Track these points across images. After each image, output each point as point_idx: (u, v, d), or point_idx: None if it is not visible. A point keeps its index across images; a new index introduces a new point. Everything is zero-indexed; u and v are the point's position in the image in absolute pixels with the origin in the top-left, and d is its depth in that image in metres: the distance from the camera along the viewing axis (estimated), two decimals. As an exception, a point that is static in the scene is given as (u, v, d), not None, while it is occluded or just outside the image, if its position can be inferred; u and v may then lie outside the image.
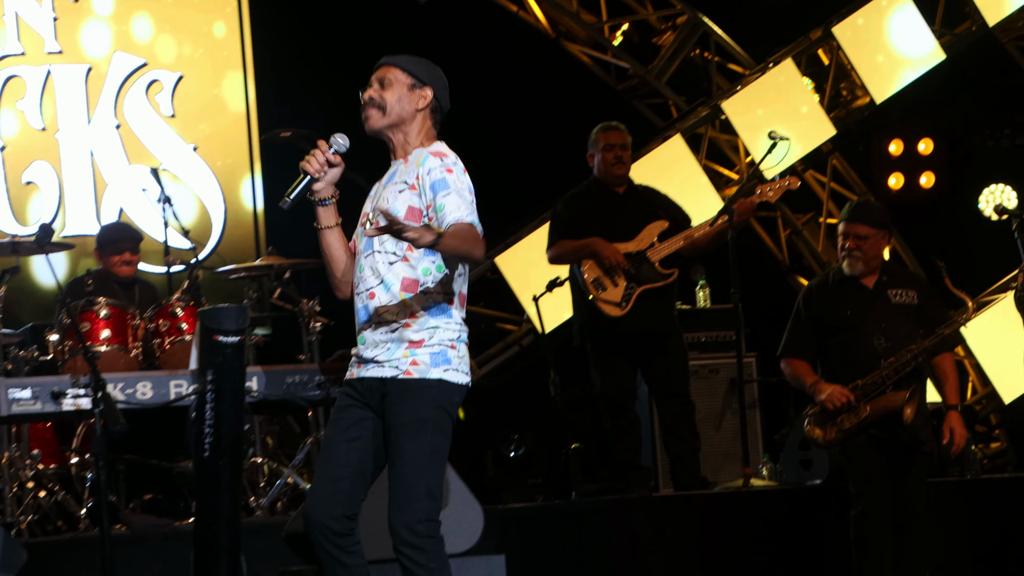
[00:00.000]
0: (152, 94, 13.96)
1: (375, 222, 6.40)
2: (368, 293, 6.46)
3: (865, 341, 9.14)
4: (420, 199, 6.52)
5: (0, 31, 13.58)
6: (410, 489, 6.44)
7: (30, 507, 9.74)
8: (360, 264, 6.52)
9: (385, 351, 6.43)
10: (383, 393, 6.41)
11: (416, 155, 6.68)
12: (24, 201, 13.52)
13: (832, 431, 9.11)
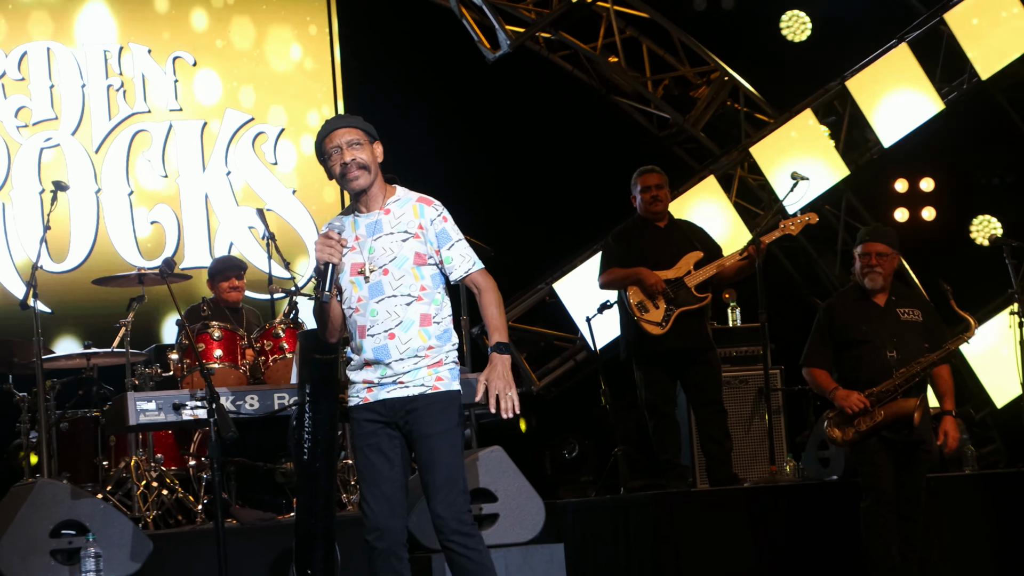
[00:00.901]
0: (258, 145, 14.01)
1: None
2: (388, 334, 6.45)
3: (879, 353, 9.16)
4: (425, 246, 6.54)
5: (130, 92, 13.67)
6: (453, 486, 6.47)
7: (154, 504, 9.80)
8: (372, 308, 6.46)
9: (411, 375, 6.45)
10: (408, 409, 6.43)
11: (402, 203, 6.62)
12: (149, 239, 13.59)
13: (850, 432, 9.11)
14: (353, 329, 6.50)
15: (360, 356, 6.47)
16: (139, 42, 13.77)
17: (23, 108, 13.43)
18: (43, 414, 9.71)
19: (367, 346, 6.44)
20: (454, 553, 6.43)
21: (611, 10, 14.33)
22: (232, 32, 14.08)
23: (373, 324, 6.44)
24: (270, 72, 14.14)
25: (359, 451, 6.50)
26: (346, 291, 6.51)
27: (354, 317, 6.49)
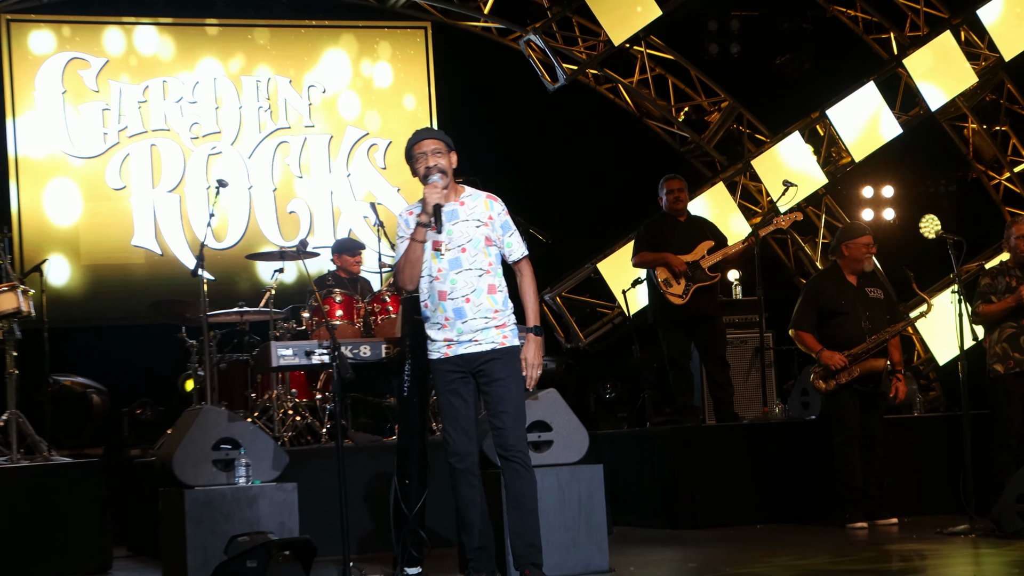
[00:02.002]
0: (371, 153, 14.05)
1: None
2: (464, 298, 6.46)
3: (855, 322, 9.22)
4: (492, 232, 6.56)
5: (275, 112, 13.73)
6: (519, 420, 6.52)
7: (289, 427, 9.86)
8: (451, 278, 6.45)
9: (482, 334, 6.46)
10: (482, 361, 6.44)
11: (474, 198, 6.62)
12: (287, 224, 13.66)
13: (832, 383, 9.22)
14: (433, 294, 6.47)
15: (440, 316, 6.46)
16: (282, 74, 13.83)
17: (195, 124, 13.51)
18: (207, 357, 9.79)
19: (448, 307, 6.44)
20: (512, 468, 6.46)
21: (644, 53, 14.30)
22: (354, 66, 14.11)
23: (453, 290, 6.44)
24: (381, 96, 14.17)
25: (441, 395, 6.52)
26: (426, 263, 6.49)
27: (434, 284, 6.47)
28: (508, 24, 14.07)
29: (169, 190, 13.38)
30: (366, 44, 14.20)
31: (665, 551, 8.59)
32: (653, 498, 10.07)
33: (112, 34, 13.47)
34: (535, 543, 6.47)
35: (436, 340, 6.51)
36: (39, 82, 13.16)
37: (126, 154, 13.31)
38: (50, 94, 13.18)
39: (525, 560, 6.44)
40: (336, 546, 7.03)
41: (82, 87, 13.26)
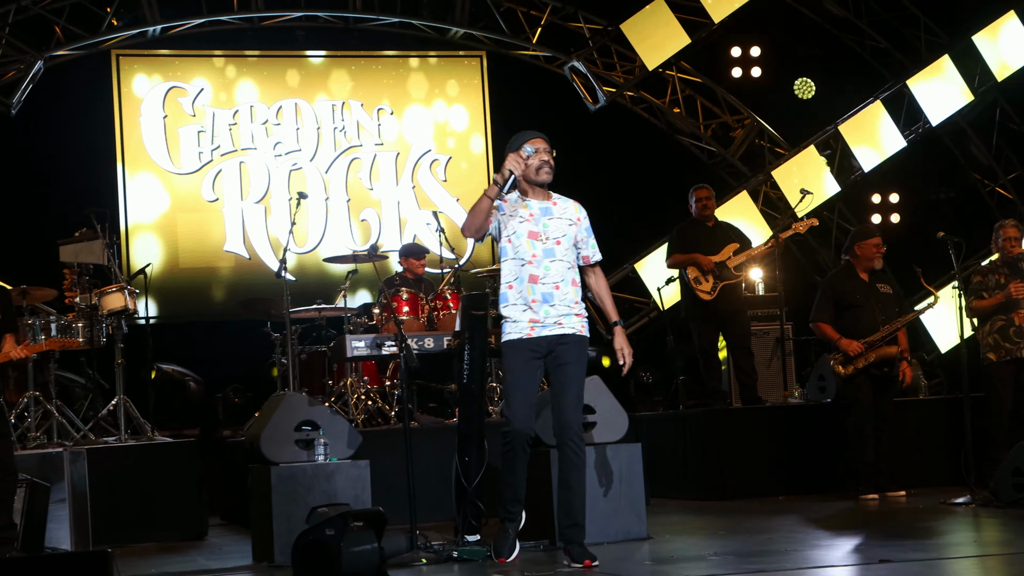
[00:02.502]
0: (433, 167, 14.04)
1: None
2: (554, 285, 6.38)
3: (869, 314, 9.17)
4: (579, 233, 6.52)
5: (349, 132, 13.74)
6: (579, 404, 6.47)
7: (362, 411, 9.85)
8: (545, 265, 6.37)
9: (565, 320, 6.37)
10: (559, 344, 6.34)
11: (564, 201, 6.58)
12: (360, 231, 13.67)
13: (850, 368, 9.18)
14: (524, 276, 6.36)
15: (528, 298, 6.34)
16: (355, 98, 13.85)
17: (279, 143, 13.55)
18: (290, 349, 9.81)
19: (537, 290, 6.34)
20: (570, 449, 6.38)
21: (675, 76, 14.22)
22: (415, 90, 14.11)
23: (545, 276, 6.36)
24: (441, 117, 14.16)
25: (513, 372, 6.36)
26: (521, 247, 6.38)
27: (527, 268, 6.36)
28: (554, 52, 14.05)
29: (256, 201, 13.41)
30: (429, 71, 14.19)
31: (697, 519, 8.53)
32: (686, 473, 10.00)
33: (207, 65, 13.53)
34: (579, 522, 6.41)
35: (519, 321, 6.36)
36: (144, 108, 13.24)
37: (219, 170, 13.36)
38: (153, 118, 13.25)
39: (568, 537, 6.39)
40: (404, 516, 7.01)
41: (180, 112, 13.33)
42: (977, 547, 6.77)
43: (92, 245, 9.71)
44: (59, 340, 8.04)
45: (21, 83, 12.36)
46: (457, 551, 6.84)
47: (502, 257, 6.52)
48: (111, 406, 9.36)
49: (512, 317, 6.40)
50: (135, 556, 7.85)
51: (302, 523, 6.23)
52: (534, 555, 6.68)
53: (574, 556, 6.32)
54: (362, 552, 5.71)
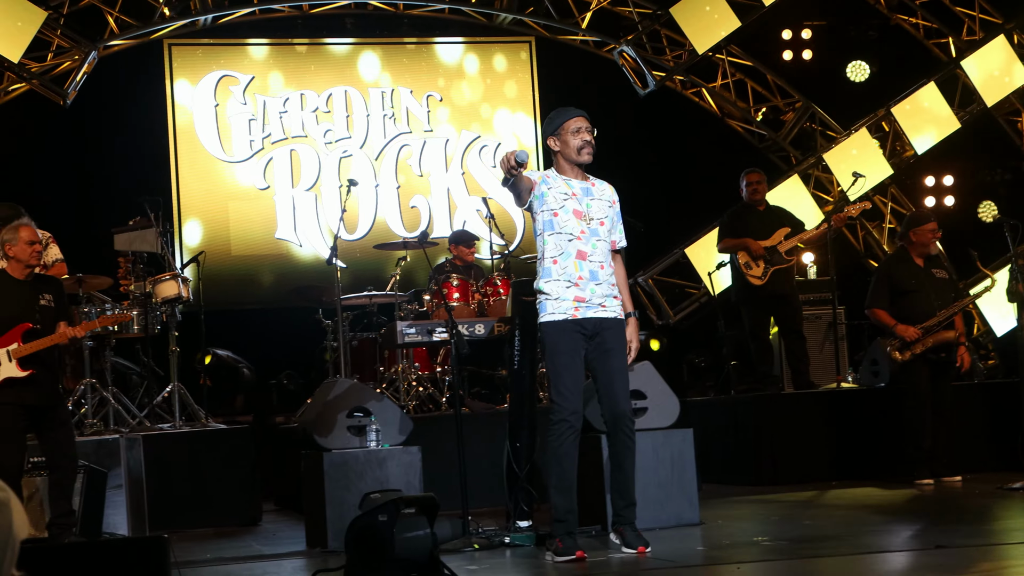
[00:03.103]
0: (482, 154, 14.03)
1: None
2: (600, 264, 6.27)
3: (925, 299, 9.11)
4: (613, 215, 6.42)
5: (398, 119, 13.77)
6: (627, 388, 6.37)
7: (413, 397, 9.88)
8: (592, 243, 6.25)
9: (608, 301, 6.30)
10: (604, 327, 6.25)
11: (600, 182, 6.48)
12: (410, 218, 13.69)
13: (907, 354, 9.13)
14: (571, 252, 6.22)
15: (574, 275, 6.21)
16: (404, 85, 13.86)
17: (329, 130, 13.59)
18: (341, 335, 9.85)
19: (584, 267, 6.22)
20: (625, 435, 6.34)
21: (725, 60, 14.11)
22: (465, 76, 14.10)
23: (592, 254, 6.25)
24: (491, 103, 14.14)
25: (563, 354, 6.20)
26: (569, 221, 6.24)
27: (575, 243, 6.23)
28: (603, 37, 13.98)
29: (306, 189, 13.47)
30: (478, 57, 14.17)
31: (750, 505, 8.49)
32: (738, 458, 9.96)
33: (257, 54, 13.59)
34: (634, 501, 6.38)
35: (565, 299, 6.21)
36: (196, 97, 13.32)
37: (269, 158, 13.42)
38: (205, 107, 13.33)
39: (624, 518, 6.36)
40: (456, 502, 7.04)
41: (232, 100, 13.40)
42: (1034, 533, 6.70)
43: (146, 233, 9.79)
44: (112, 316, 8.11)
45: (75, 74, 12.46)
46: (509, 536, 6.86)
47: (545, 231, 6.30)
48: (166, 393, 9.44)
49: (554, 294, 6.24)
50: (190, 541, 7.92)
51: (354, 509, 6.26)
52: (586, 541, 6.67)
53: (627, 541, 6.29)
54: (414, 538, 5.72)
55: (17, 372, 6.94)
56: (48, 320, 7.07)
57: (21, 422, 6.97)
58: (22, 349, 6.95)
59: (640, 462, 7.00)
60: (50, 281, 7.37)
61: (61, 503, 7.04)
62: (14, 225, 7.19)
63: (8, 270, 7.12)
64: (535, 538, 6.82)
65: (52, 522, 7.03)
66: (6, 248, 7.09)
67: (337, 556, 6.57)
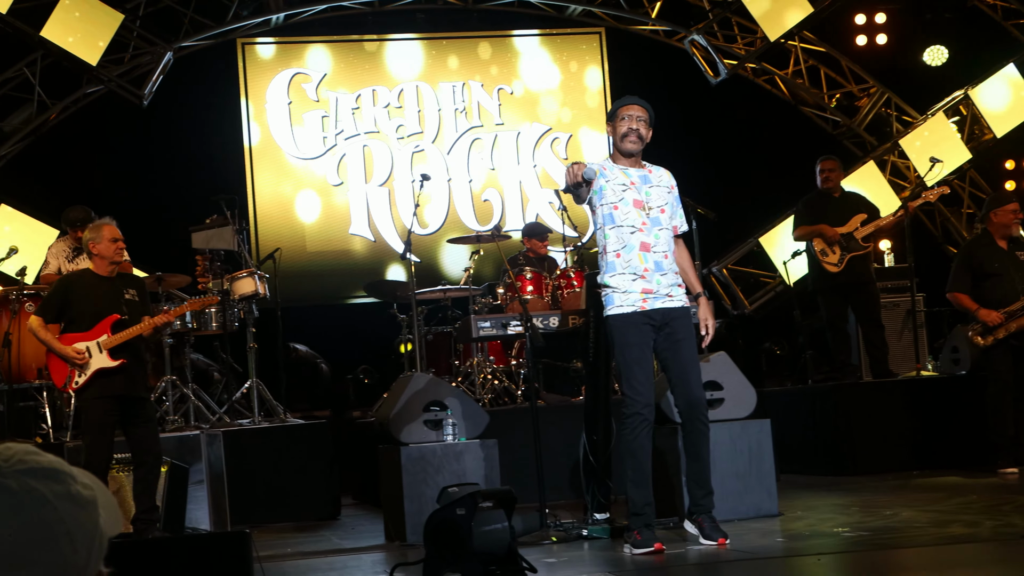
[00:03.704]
0: (554, 146, 14.02)
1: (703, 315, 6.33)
2: (663, 254, 6.23)
3: (1008, 282, 8.96)
4: (672, 201, 6.36)
5: (469, 113, 13.79)
6: (699, 376, 6.34)
7: (489, 390, 9.90)
8: (655, 233, 6.20)
9: (674, 290, 6.26)
10: (673, 317, 6.20)
11: (657, 169, 6.43)
12: (482, 211, 13.72)
13: (990, 339, 8.96)
14: (635, 245, 6.18)
15: (639, 267, 6.17)
16: (474, 79, 13.89)
17: (401, 125, 13.66)
18: (416, 330, 9.88)
19: (649, 259, 6.18)
20: (701, 424, 6.30)
21: (798, 47, 13.98)
22: (535, 68, 14.10)
23: (656, 244, 6.21)
24: (562, 95, 14.13)
25: (633, 347, 6.16)
26: (629, 214, 6.21)
27: (637, 235, 6.18)
28: (673, 26, 13.91)
29: (379, 184, 13.55)
30: (548, 49, 14.17)
31: (829, 495, 8.40)
32: (816, 448, 9.87)
33: (329, 51, 13.69)
34: (712, 489, 6.37)
35: (631, 292, 6.17)
36: (270, 95, 13.45)
37: (342, 154, 13.52)
38: (278, 104, 13.46)
39: (703, 507, 6.34)
40: (532, 495, 7.05)
41: (304, 97, 13.51)
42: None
43: (223, 231, 9.90)
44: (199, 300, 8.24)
45: (152, 74, 12.63)
46: (586, 529, 6.85)
47: (606, 225, 6.28)
48: (244, 389, 9.55)
49: (621, 287, 6.21)
50: (270, 536, 8.01)
51: (432, 503, 6.29)
52: (663, 533, 6.65)
53: (706, 532, 6.26)
54: (492, 531, 5.74)
55: (108, 362, 7.11)
56: (134, 314, 7.26)
57: (111, 417, 7.12)
58: (112, 339, 7.12)
59: (717, 453, 6.99)
60: (133, 278, 7.58)
61: (145, 499, 7.15)
62: (97, 224, 7.36)
63: (93, 268, 7.29)
64: (612, 531, 6.81)
65: (137, 517, 7.13)
66: (91, 246, 7.26)
67: (416, 550, 6.61)
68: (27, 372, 9.17)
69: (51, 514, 1.48)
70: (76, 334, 7.19)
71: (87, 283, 7.27)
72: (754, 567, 5.74)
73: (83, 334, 7.18)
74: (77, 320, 7.22)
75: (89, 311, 7.19)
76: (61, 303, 7.24)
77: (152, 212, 12.43)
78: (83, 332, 7.19)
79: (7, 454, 1.51)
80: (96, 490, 1.57)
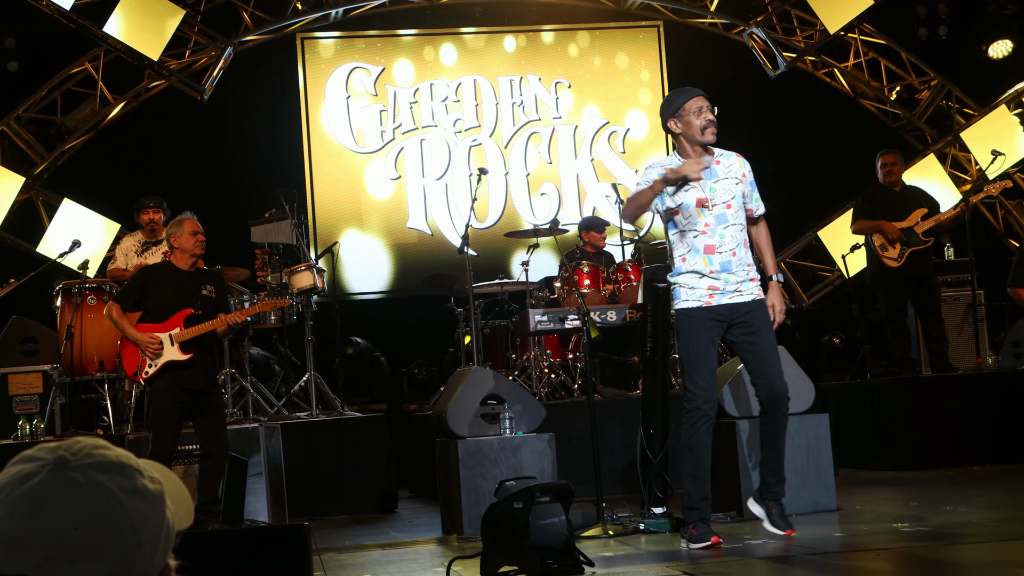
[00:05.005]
0: (611, 140, 13.99)
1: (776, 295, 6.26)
2: (731, 252, 6.15)
3: None
4: (745, 189, 6.28)
5: (528, 106, 13.79)
6: (780, 366, 6.29)
7: (546, 384, 9.90)
8: (719, 233, 6.13)
9: (744, 285, 6.20)
10: (745, 311, 6.15)
11: (727, 157, 6.32)
12: (540, 205, 13.71)
13: None
14: (699, 248, 6.14)
15: (704, 269, 6.13)
16: (532, 73, 13.88)
17: (458, 119, 13.68)
18: (473, 323, 9.91)
19: (714, 261, 6.12)
20: (779, 412, 6.25)
21: (857, 39, 13.85)
22: (593, 62, 14.07)
23: (721, 244, 6.13)
24: (619, 89, 14.09)
25: (697, 342, 6.14)
26: (691, 217, 6.16)
27: (701, 239, 6.13)
28: (732, 19, 13.83)
29: (437, 178, 13.57)
30: (606, 43, 14.13)
31: (888, 491, 8.33)
32: (875, 443, 9.79)
33: (387, 45, 13.73)
34: (784, 478, 6.36)
35: (698, 288, 6.15)
36: (328, 89, 13.51)
37: (400, 148, 13.56)
38: (337, 99, 13.52)
39: (774, 494, 6.31)
40: (590, 489, 7.04)
41: (363, 92, 13.56)
42: None
43: (281, 225, 9.97)
44: (271, 302, 8.32)
45: (212, 69, 12.74)
46: (644, 523, 6.84)
47: (670, 230, 6.30)
48: (303, 382, 9.61)
49: (687, 284, 6.20)
50: (329, 528, 8.05)
51: (490, 496, 6.30)
52: (724, 527, 6.62)
53: (774, 520, 6.24)
54: (550, 525, 5.74)
55: (178, 355, 7.21)
56: (210, 310, 7.35)
57: (179, 409, 7.20)
58: (184, 333, 7.22)
59: (775, 448, 6.96)
60: (212, 274, 7.66)
61: (210, 490, 7.22)
62: (178, 219, 7.48)
63: (173, 260, 7.41)
64: (670, 524, 6.79)
65: (198, 508, 7.20)
66: (172, 240, 7.39)
67: (473, 543, 6.62)
68: (89, 365, 9.28)
69: (116, 508, 1.49)
70: (151, 324, 7.31)
71: (166, 275, 7.40)
72: (812, 562, 5.70)
73: (157, 325, 7.29)
74: (153, 311, 7.34)
75: (165, 303, 7.31)
76: (140, 292, 7.36)
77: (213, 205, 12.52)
78: (158, 323, 7.30)
79: (75, 448, 1.53)
80: (165, 483, 1.59)
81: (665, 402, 7.17)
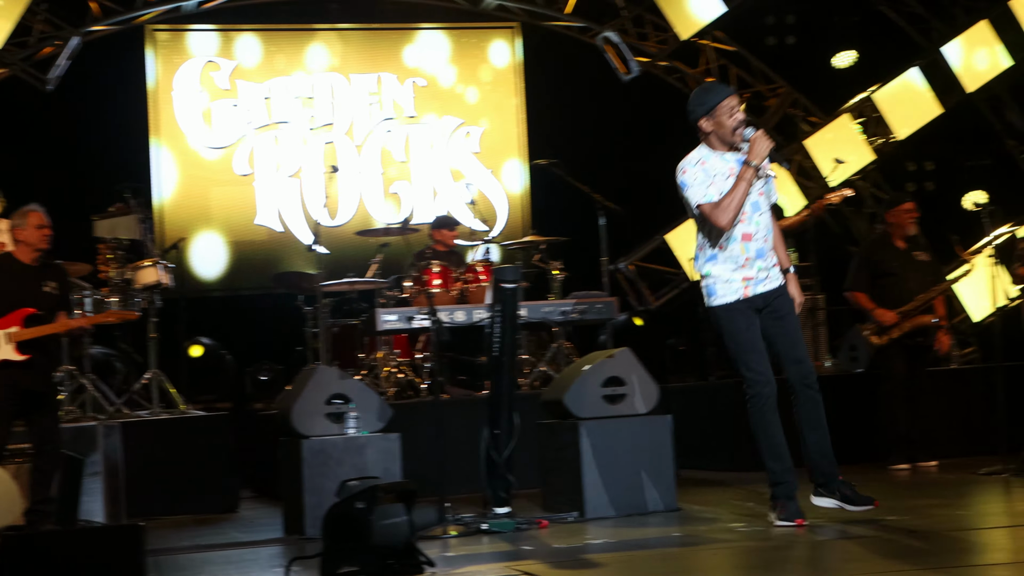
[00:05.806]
0: (467, 139, 14.01)
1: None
2: (764, 239, 6.30)
3: (903, 283, 9.12)
4: (767, 179, 6.38)
5: (383, 105, 13.73)
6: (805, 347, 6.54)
7: (393, 383, 9.86)
8: (755, 220, 6.25)
9: (771, 272, 6.33)
10: (774, 296, 6.31)
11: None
12: (392, 204, 13.66)
13: (884, 339, 9.15)
14: (737, 236, 6.25)
15: (741, 257, 6.25)
16: (387, 71, 13.82)
17: (312, 116, 13.56)
18: (321, 322, 9.84)
19: (751, 248, 6.26)
20: (812, 391, 6.42)
21: (708, 46, 14.11)
22: (449, 62, 14.06)
23: (756, 231, 6.26)
24: (475, 88, 14.11)
25: (742, 332, 6.30)
26: None
27: (739, 227, 6.23)
28: (587, 23, 13.96)
29: (289, 175, 13.44)
30: (462, 42, 14.14)
31: (727, 491, 8.50)
32: (716, 444, 9.95)
33: (240, 40, 13.54)
34: (835, 459, 6.48)
35: (733, 280, 6.28)
36: (178, 83, 13.27)
37: (252, 144, 13.39)
38: (187, 93, 13.29)
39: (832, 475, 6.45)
40: (435, 488, 7.03)
41: (214, 86, 13.35)
42: (1008, 517, 6.73)
43: (126, 220, 9.79)
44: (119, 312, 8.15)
45: (58, 59, 12.41)
46: (487, 523, 6.87)
47: (704, 224, 6.37)
48: (144, 380, 9.43)
49: (722, 277, 6.32)
50: (168, 528, 7.92)
51: (332, 496, 6.26)
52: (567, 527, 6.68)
53: (852, 498, 6.40)
54: (392, 525, 5.73)
55: (15, 356, 7.00)
56: (50, 308, 7.15)
57: (12, 407, 7.00)
58: (22, 333, 7.03)
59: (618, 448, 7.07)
60: (56, 269, 7.46)
61: (41, 490, 7.05)
62: (23, 211, 7.31)
63: (15, 254, 7.22)
64: (514, 524, 6.84)
65: (30, 509, 7.02)
66: (15, 232, 7.18)
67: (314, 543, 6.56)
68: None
69: None
70: None
71: (6, 269, 7.17)
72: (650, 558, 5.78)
73: None
74: None
75: (3, 299, 7.08)
76: None
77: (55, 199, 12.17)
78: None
79: None
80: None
81: (511, 402, 7.21)
